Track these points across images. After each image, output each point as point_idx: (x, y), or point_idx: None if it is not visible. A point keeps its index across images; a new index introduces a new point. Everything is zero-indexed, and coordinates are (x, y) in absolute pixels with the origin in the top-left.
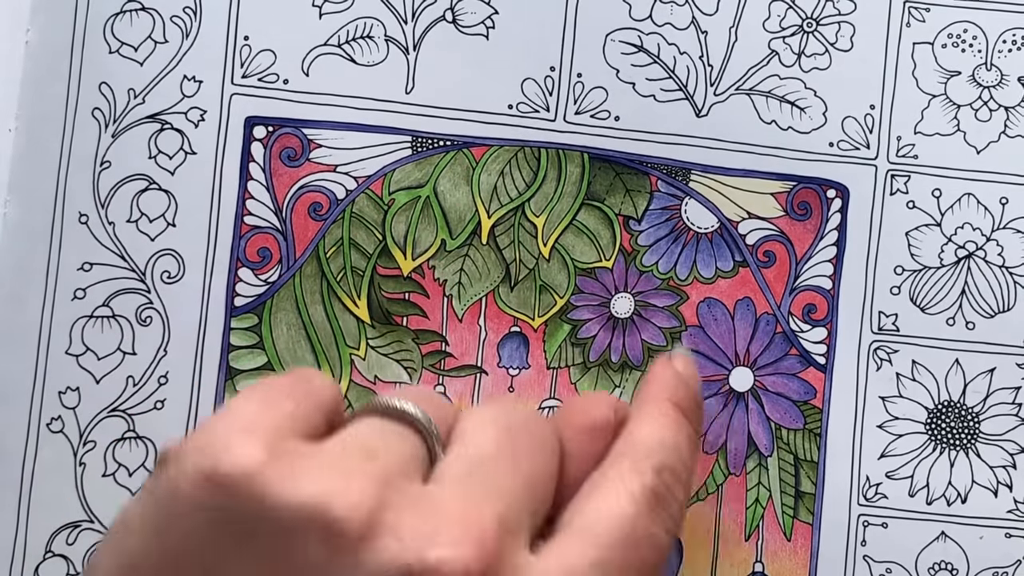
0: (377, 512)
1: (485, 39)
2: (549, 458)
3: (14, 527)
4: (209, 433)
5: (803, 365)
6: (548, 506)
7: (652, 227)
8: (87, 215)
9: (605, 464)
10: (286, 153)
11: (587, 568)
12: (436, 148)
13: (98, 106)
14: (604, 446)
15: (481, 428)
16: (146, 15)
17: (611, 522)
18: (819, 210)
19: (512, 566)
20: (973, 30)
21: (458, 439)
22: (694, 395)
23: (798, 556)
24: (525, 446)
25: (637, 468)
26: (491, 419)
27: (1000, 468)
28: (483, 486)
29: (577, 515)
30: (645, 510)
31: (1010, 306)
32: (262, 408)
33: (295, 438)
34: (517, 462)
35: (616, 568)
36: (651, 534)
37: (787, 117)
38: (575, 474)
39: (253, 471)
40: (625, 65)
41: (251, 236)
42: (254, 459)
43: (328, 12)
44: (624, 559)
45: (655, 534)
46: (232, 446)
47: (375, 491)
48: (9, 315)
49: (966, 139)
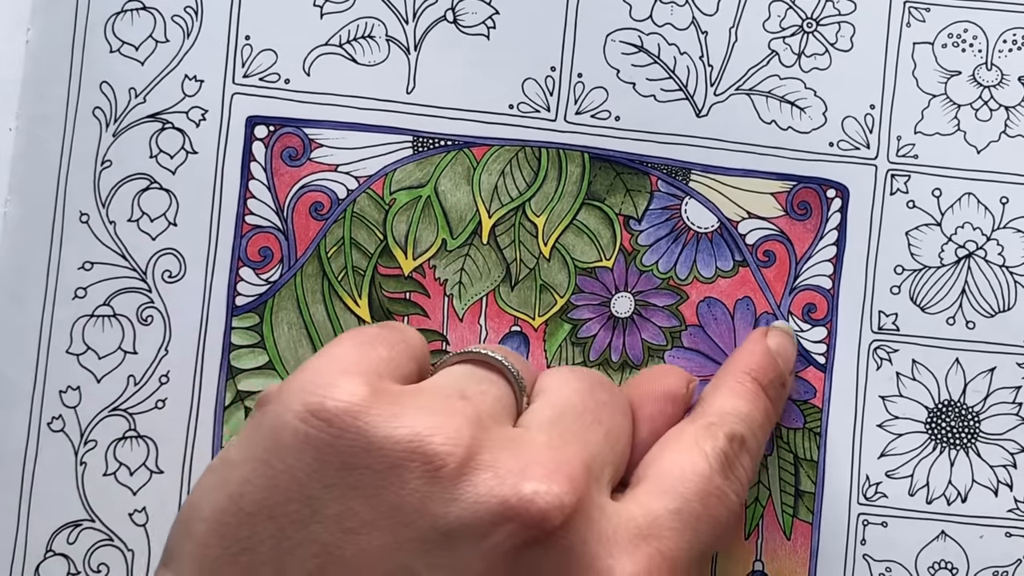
0: (474, 448)
1: (486, 39)
2: (625, 417)
3: (14, 526)
4: (313, 372)
5: (803, 364)
6: (625, 462)
7: (652, 227)
8: (88, 214)
9: (679, 425)
10: (287, 153)
11: (667, 515)
12: (437, 148)
13: (99, 105)
14: (675, 415)
15: (564, 383)
16: (147, 14)
17: (687, 475)
18: (819, 210)
19: (598, 506)
20: (973, 30)
21: (542, 392)
22: (778, 371)
23: (798, 555)
24: (604, 402)
25: (710, 432)
26: (572, 377)
27: (1000, 467)
28: (568, 433)
29: (653, 467)
30: (718, 468)
31: (1010, 305)
32: (360, 352)
33: (392, 380)
34: (598, 414)
35: (694, 518)
36: (723, 492)
37: (787, 117)
38: (646, 438)
39: (358, 408)
40: (625, 65)
41: (252, 235)
42: (359, 396)
43: (329, 12)
44: (700, 511)
45: (727, 494)
46: (337, 384)
47: (471, 430)
48: (9, 315)
49: (966, 139)
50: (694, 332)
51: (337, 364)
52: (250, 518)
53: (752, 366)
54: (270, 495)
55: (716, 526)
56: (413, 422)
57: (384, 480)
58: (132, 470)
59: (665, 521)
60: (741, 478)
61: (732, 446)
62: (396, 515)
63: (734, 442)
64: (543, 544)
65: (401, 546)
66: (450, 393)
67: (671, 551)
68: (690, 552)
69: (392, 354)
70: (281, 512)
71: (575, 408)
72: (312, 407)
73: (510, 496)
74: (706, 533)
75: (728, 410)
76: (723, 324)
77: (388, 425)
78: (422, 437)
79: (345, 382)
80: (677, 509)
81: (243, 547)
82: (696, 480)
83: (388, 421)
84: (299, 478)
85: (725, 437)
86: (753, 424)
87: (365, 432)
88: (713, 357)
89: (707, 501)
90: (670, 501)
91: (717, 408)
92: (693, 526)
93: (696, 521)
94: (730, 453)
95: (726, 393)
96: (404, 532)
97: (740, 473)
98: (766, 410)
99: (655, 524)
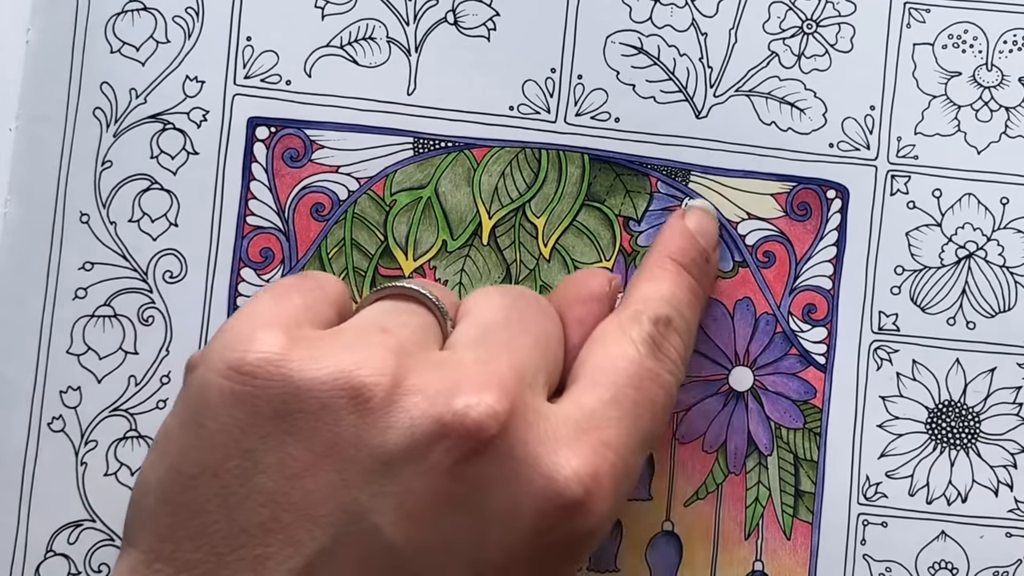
0: (400, 375)
1: (486, 41)
2: (552, 324)
3: (15, 527)
4: (230, 331)
5: (803, 365)
6: (560, 367)
7: (652, 228)
8: (88, 215)
9: (606, 320)
10: (288, 154)
11: (604, 405)
12: (437, 149)
13: (99, 106)
14: (602, 313)
15: (486, 301)
16: (148, 15)
17: (618, 364)
18: (819, 211)
19: (534, 409)
20: (973, 31)
21: (466, 314)
22: (698, 249)
23: (798, 555)
24: (530, 312)
25: (635, 319)
26: (494, 293)
27: (1001, 467)
28: (495, 346)
29: (585, 364)
30: (647, 352)
31: (1011, 306)
32: (275, 304)
33: (311, 327)
34: (524, 324)
35: (631, 403)
36: (656, 374)
37: (787, 118)
38: (578, 342)
39: (278, 357)
40: (625, 67)
41: (253, 236)
42: (278, 345)
43: (330, 13)
44: (636, 396)
45: (660, 374)
46: (255, 338)
47: (394, 358)
48: (9, 315)
49: (967, 139)
50: None
51: (254, 319)
52: (193, 481)
53: (671, 249)
54: (209, 456)
55: (654, 408)
56: (335, 360)
57: (317, 421)
58: (133, 470)
59: (602, 411)
60: (672, 357)
61: (658, 328)
62: (335, 453)
63: (659, 324)
64: (483, 454)
65: (346, 482)
66: (369, 328)
67: (613, 439)
68: (632, 438)
69: (308, 301)
70: (223, 470)
71: (499, 322)
72: (233, 364)
73: (443, 414)
74: (645, 417)
75: (651, 295)
76: (723, 325)
77: (311, 368)
78: (347, 372)
79: (263, 334)
80: (612, 398)
81: (192, 511)
82: (627, 367)
83: (310, 364)
84: (234, 434)
85: (650, 321)
86: (679, 304)
87: (290, 378)
88: (713, 357)
89: (641, 385)
90: (604, 392)
91: (640, 295)
92: (631, 412)
93: (633, 406)
94: (657, 335)
95: (647, 279)
96: (346, 468)
97: (670, 352)
98: (690, 288)
99: (593, 416)
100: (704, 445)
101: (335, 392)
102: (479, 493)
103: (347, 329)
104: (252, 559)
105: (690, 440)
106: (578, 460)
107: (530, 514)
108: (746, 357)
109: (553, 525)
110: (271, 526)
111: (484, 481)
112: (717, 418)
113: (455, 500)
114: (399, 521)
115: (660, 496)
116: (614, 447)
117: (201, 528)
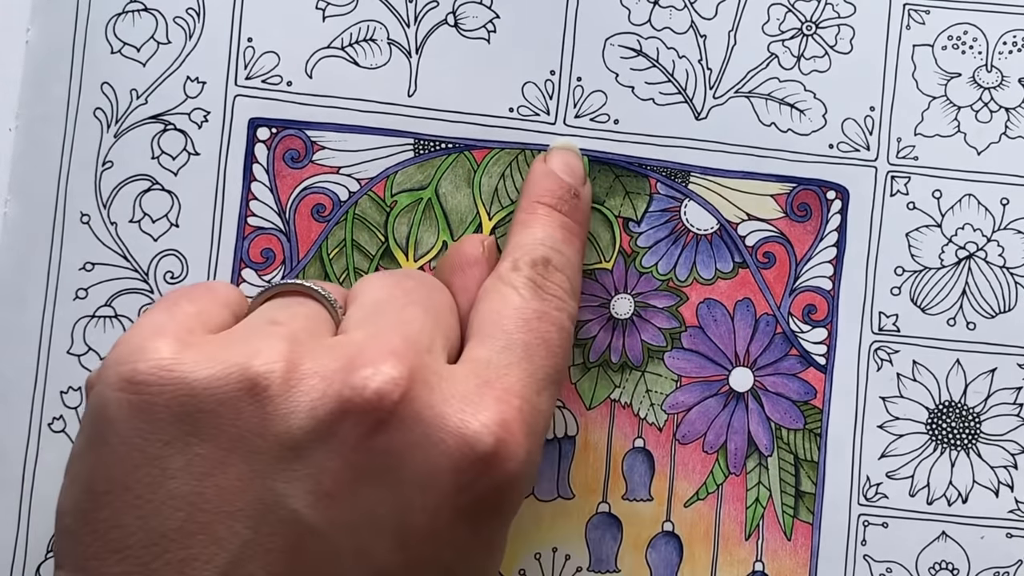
0: (294, 361)
1: (487, 43)
2: (440, 293)
3: (15, 527)
4: (122, 345)
5: (803, 365)
6: (457, 334)
7: (652, 229)
8: (89, 215)
9: (488, 277)
10: (289, 155)
11: (498, 355)
12: (438, 150)
13: (100, 106)
14: (483, 275)
15: (370, 284)
16: (148, 16)
17: (503, 313)
18: (819, 211)
19: (433, 373)
20: (973, 32)
21: (353, 299)
22: (563, 186)
23: (798, 556)
24: (413, 285)
25: (513, 267)
26: (377, 276)
27: (1001, 468)
28: (384, 319)
29: (474, 322)
30: (530, 295)
31: (1011, 306)
32: (166, 313)
33: (203, 331)
34: (410, 297)
35: (523, 347)
36: (543, 312)
37: (787, 119)
38: (467, 308)
39: (169, 362)
40: (624, 69)
41: (254, 237)
42: (168, 351)
43: (331, 15)
44: (528, 339)
45: (547, 312)
46: (146, 348)
47: (286, 346)
48: (10, 315)
49: (966, 140)
50: (694, 333)
51: (143, 331)
52: (107, 497)
53: (536, 192)
54: (117, 470)
55: (548, 346)
56: (227, 356)
57: (219, 418)
58: None
59: (498, 360)
60: (558, 294)
61: (537, 269)
62: (242, 446)
63: (538, 265)
64: (389, 423)
65: (257, 472)
66: (260, 323)
67: (514, 385)
68: (532, 379)
69: (199, 307)
70: (133, 481)
71: (385, 299)
72: (127, 376)
73: (342, 390)
74: (541, 356)
75: (525, 242)
76: (723, 325)
77: (204, 367)
78: (240, 365)
79: (153, 343)
80: (504, 346)
81: (110, 525)
82: (512, 313)
83: (203, 364)
84: (138, 444)
85: (527, 265)
86: (554, 243)
87: (184, 380)
88: (714, 359)
89: (530, 327)
90: (495, 342)
91: (514, 244)
92: (526, 355)
93: (527, 349)
94: (537, 277)
95: (519, 229)
96: (255, 459)
97: (554, 289)
98: (563, 225)
99: (490, 367)
100: (704, 446)
101: (231, 386)
102: (393, 462)
103: (237, 328)
104: (177, 563)
105: (690, 441)
106: (485, 412)
107: (447, 473)
108: (746, 358)
109: (473, 480)
110: (190, 528)
111: (395, 449)
112: (717, 419)
113: (369, 473)
114: (317, 503)
115: (660, 496)
116: (516, 392)
117: (121, 541)
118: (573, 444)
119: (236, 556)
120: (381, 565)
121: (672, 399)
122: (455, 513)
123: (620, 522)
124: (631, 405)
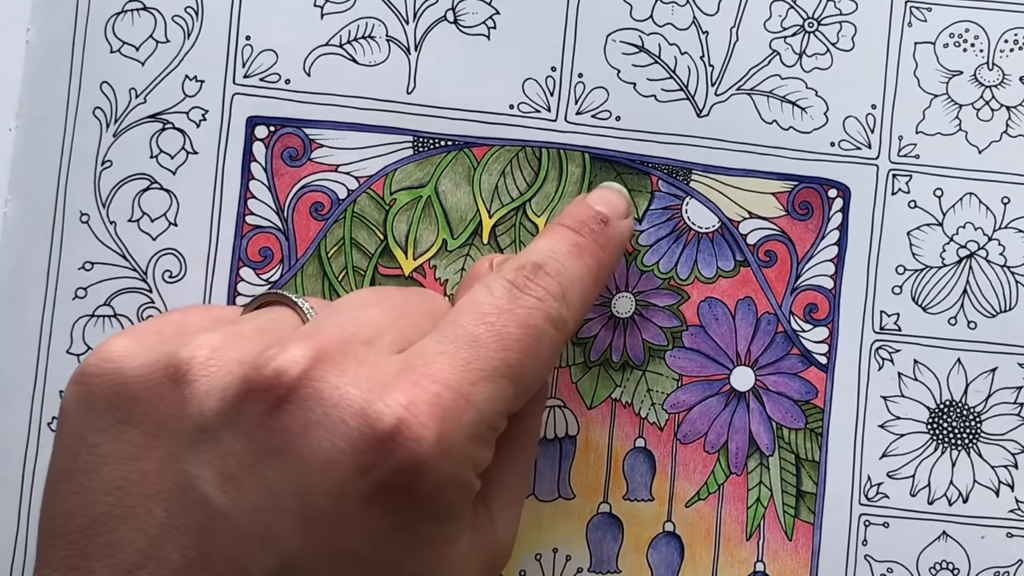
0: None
1: (486, 39)
2: (421, 299)
3: (14, 527)
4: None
5: (804, 365)
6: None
7: (653, 227)
8: (88, 214)
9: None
10: (288, 153)
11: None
12: (437, 148)
13: (99, 105)
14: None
15: (355, 292)
16: (147, 15)
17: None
18: (820, 210)
19: (356, 359)
20: (975, 30)
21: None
22: (590, 212)
23: (799, 555)
24: (395, 294)
25: (500, 271)
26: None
27: (1002, 468)
28: (331, 318)
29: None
30: (501, 292)
31: (1012, 305)
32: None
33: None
34: (383, 302)
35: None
36: (507, 309)
37: (788, 117)
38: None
39: (116, 355)
40: (626, 65)
41: (253, 236)
42: (119, 347)
43: (330, 12)
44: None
45: (511, 309)
46: (102, 347)
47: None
48: (9, 315)
49: (968, 139)
50: (695, 332)
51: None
52: (56, 487)
53: (560, 217)
54: (65, 460)
55: (504, 341)
56: (163, 348)
57: (146, 404)
58: None
59: (432, 347)
60: (538, 294)
61: (523, 272)
62: (163, 430)
63: (524, 269)
64: (290, 400)
65: (174, 455)
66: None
67: (440, 372)
68: (468, 371)
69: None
70: (75, 469)
71: (350, 303)
72: (78, 371)
73: (248, 372)
74: (492, 349)
75: (525, 251)
76: (724, 324)
77: (136, 358)
78: (168, 353)
79: (110, 342)
80: (448, 336)
81: (56, 512)
82: (471, 307)
83: (141, 356)
84: (79, 433)
85: (512, 268)
86: (555, 253)
87: (120, 370)
88: (715, 357)
89: (485, 320)
90: (439, 332)
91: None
92: (469, 346)
93: (472, 340)
94: (518, 278)
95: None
96: (174, 442)
97: (536, 291)
98: (573, 242)
99: (420, 353)
100: (705, 445)
101: (157, 373)
102: (294, 441)
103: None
104: (107, 547)
105: (691, 440)
106: (393, 393)
107: (348, 454)
108: (747, 357)
109: (373, 461)
110: (117, 512)
111: (296, 428)
112: (718, 418)
113: (271, 453)
114: (222, 484)
115: (661, 497)
116: (440, 379)
117: (63, 526)
118: (574, 444)
119: (155, 539)
120: (287, 550)
121: (673, 398)
122: (362, 499)
123: (621, 522)
124: (632, 404)
